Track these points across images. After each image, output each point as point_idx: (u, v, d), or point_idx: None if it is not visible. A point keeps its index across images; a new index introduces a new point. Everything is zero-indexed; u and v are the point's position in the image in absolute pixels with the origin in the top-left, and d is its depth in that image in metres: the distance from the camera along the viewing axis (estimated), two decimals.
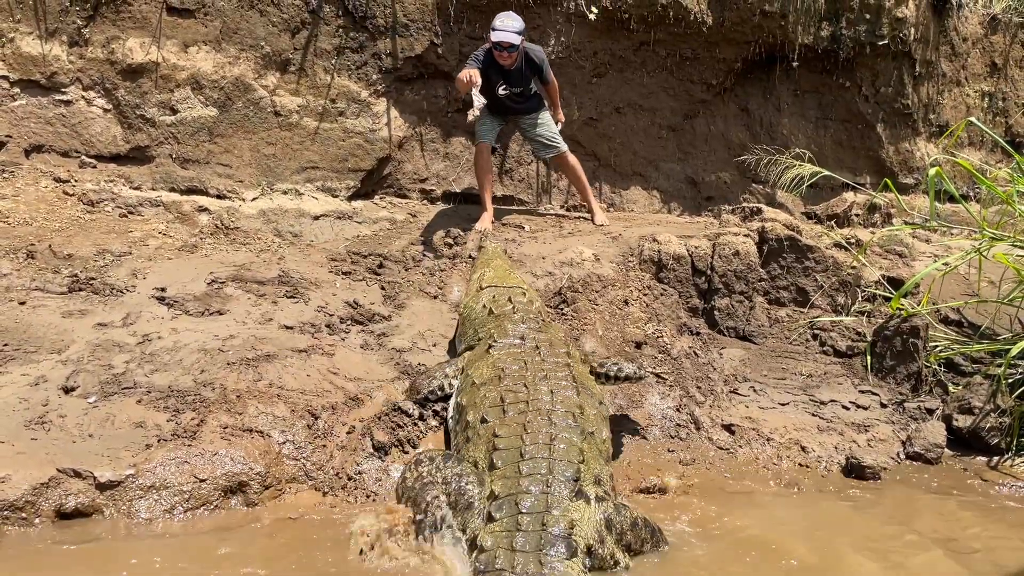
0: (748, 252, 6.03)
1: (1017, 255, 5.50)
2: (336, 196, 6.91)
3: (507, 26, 6.35)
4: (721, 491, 4.15)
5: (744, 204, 7.63)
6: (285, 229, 6.42)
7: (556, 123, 7.13)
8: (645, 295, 5.83)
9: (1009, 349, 4.87)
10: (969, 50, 8.53)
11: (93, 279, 5.02)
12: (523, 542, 2.99)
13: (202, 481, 3.51)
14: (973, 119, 6.23)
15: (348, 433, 3.97)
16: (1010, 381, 4.89)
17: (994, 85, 8.68)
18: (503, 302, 4.59)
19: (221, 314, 4.81)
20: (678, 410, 4.81)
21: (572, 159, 7.07)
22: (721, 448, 4.65)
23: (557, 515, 3.08)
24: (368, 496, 3.72)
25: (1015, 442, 4.70)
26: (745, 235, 6.18)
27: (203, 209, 6.33)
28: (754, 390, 5.15)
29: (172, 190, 6.55)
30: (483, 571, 2.95)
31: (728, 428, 4.77)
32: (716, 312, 5.93)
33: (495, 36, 6.33)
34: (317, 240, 6.34)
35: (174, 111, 6.54)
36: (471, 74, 6.16)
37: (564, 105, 7.68)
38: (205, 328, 4.61)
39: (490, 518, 3.12)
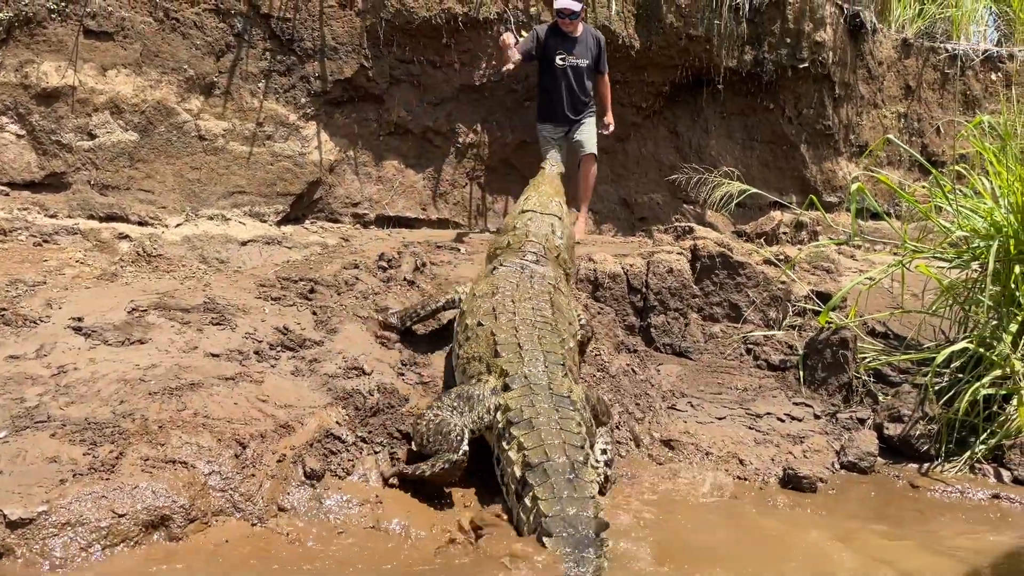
0: (682, 269, 6.10)
1: (938, 267, 5.68)
2: (265, 221, 6.74)
3: None
4: (660, 506, 4.12)
5: (676, 224, 7.75)
6: (211, 255, 6.22)
7: (606, 126, 7.53)
8: (582, 314, 5.81)
9: (934, 358, 5.00)
10: (885, 73, 8.87)
11: (4, 310, 4.75)
12: (539, 399, 3.86)
13: (121, 516, 3.31)
14: (891, 137, 6.46)
15: (279, 462, 3.80)
16: (936, 389, 5.01)
17: (909, 107, 9.05)
18: (522, 235, 5.19)
19: (143, 343, 4.59)
20: (618, 427, 4.77)
21: (593, 166, 7.46)
22: (661, 464, 4.63)
23: (558, 383, 4.00)
24: (300, 526, 3.57)
25: (944, 448, 4.80)
26: (678, 253, 6.25)
27: (124, 236, 6.09)
28: (691, 405, 5.17)
29: (91, 217, 6.29)
30: (514, 422, 3.77)
31: (667, 443, 4.76)
32: (652, 329, 5.95)
33: (557, 3, 6.87)
34: (245, 266, 6.16)
35: (92, 136, 6.30)
36: (505, 36, 6.71)
37: (497, 128, 7.73)
38: (125, 358, 4.39)
39: (507, 388, 3.95)
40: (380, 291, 5.67)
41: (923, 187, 6.86)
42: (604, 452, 4.16)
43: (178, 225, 6.41)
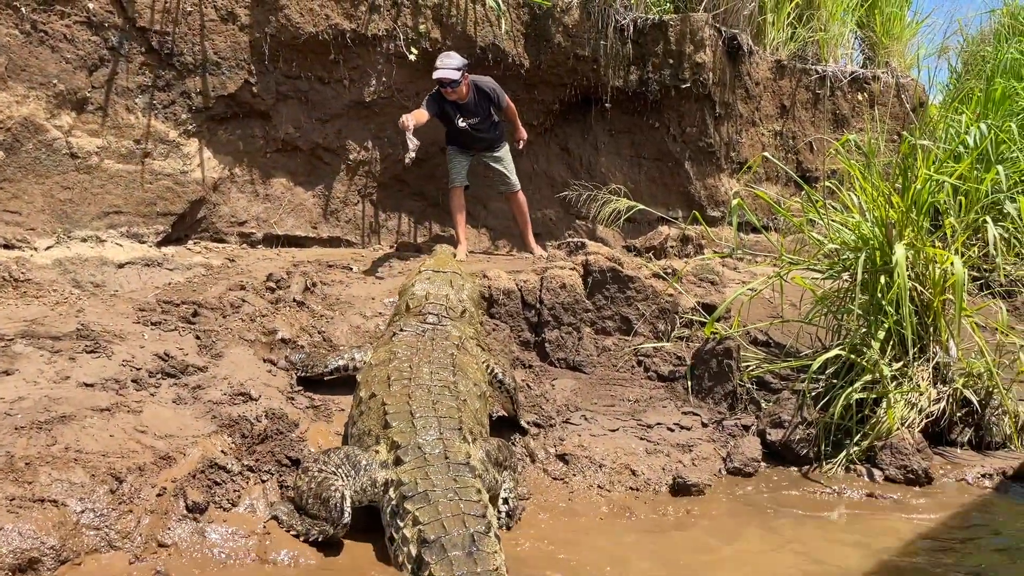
0: (574, 284, 6.18)
1: (812, 277, 5.97)
2: (144, 242, 6.44)
3: (445, 64, 6.84)
4: (556, 521, 4.17)
5: (569, 239, 7.88)
6: (85, 279, 5.89)
7: (518, 141, 7.77)
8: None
9: (811, 365, 5.24)
10: (761, 93, 9.30)
11: None
12: (435, 470, 3.61)
13: None
14: (767, 154, 6.77)
15: (159, 495, 3.64)
16: (813, 394, 5.25)
17: (784, 125, 9.51)
18: (421, 297, 5.04)
19: (8, 374, 4.31)
20: (513, 443, 4.79)
21: (521, 197, 7.72)
22: (556, 478, 4.67)
23: (455, 450, 3.75)
24: (182, 562, 3.42)
25: (822, 451, 5.03)
26: (571, 268, 6.34)
27: None
28: (585, 419, 5.23)
29: None
30: (408, 496, 3.49)
31: (562, 458, 4.80)
32: (547, 344, 6.01)
33: (435, 75, 6.84)
34: (123, 290, 5.86)
35: None
36: (404, 118, 6.48)
37: (388, 145, 7.68)
38: None
39: (399, 461, 3.69)
40: (268, 313, 5.52)
41: (798, 202, 7.21)
42: (506, 502, 4.02)
43: (48, 248, 6.04)
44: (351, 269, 6.67)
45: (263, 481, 3.97)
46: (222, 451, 4.03)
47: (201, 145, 6.82)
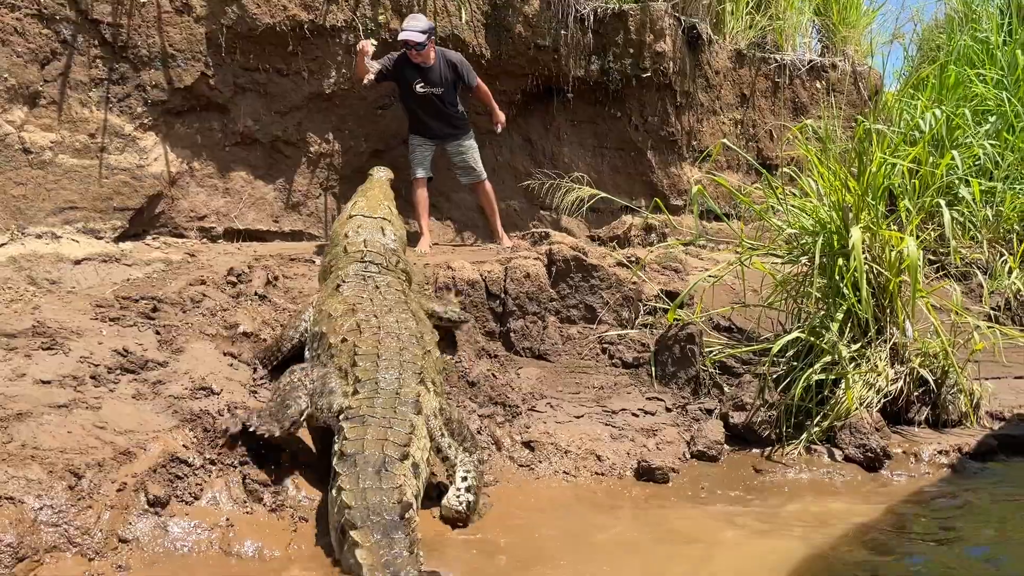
0: (538, 274, 6.20)
1: (772, 263, 6.06)
2: (101, 238, 6.33)
3: (412, 26, 6.83)
4: (521, 507, 4.19)
5: (533, 230, 7.89)
6: (41, 276, 5.77)
7: (497, 124, 7.68)
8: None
9: (771, 348, 5.32)
10: (721, 82, 9.37)
11: None
12: (381, 402, 3.82)
13: None
14: (726, 141, 6.84)
15: (119, 491, 3.58)
16: (774, 377, 5.33)
17: (744, 114, 9.59)
18: (359, 243, 5.19)
19: None
20: (479, 432, 4.80)
21: (487, 186, 7.72)
22: (522, 465, 4.69)
23: (408, 390, 3.94)
24: (144, 557, 3.38)
25: (783, 432, 5.11)
26: (535, 258, 6.36)
27: None
28: (551, 406, 5.26)
29: None
30: (349, 418, 3.74)
31: (528, 445, 4.83)
32: (512, 334, 6.03)
33: (401, 36, 6.81)
34: (80, 286, 5.76)
35: None
36: (363, 43, 6.66)
37: (350, 137, 7.64)
38: None
39: (355, 392, 3.91)
40: (229, 307, 5.46)
41: (759, 189, 7.29)
42: (465, 479, 4.00)
43: (2, 245, 5.91)
44: (314, 262, 6.62)
45: (226, 474, 3.93)
46: (184, 445, 3.97)
47: (158, 139, 6.72)
